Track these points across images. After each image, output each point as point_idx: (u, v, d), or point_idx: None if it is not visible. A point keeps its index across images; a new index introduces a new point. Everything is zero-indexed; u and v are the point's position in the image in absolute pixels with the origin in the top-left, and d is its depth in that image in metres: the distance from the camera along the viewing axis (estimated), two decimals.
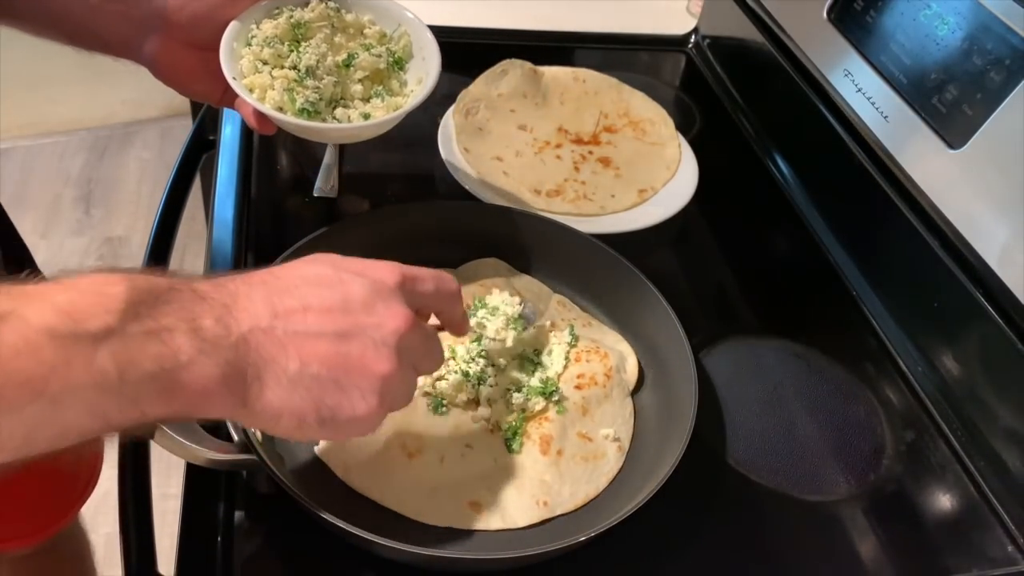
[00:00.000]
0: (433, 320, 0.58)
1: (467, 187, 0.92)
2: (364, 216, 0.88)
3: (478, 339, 0.70)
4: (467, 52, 1.18)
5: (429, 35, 0.77)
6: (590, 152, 1.03)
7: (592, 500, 0.66)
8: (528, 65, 1.11)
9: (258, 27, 0.72)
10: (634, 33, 1.30)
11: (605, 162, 1.02)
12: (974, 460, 0.76)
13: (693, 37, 1.30)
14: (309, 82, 0.70)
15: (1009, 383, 0.74)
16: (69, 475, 0.87)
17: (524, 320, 0.71)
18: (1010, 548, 0.71)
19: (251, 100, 0.68)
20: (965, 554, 0.70)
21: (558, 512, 0.65)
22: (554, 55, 1.18)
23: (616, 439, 0.70)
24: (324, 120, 0.72)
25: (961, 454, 0.77)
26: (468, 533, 0.63)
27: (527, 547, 0.61)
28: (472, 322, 0.68)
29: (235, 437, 0.60)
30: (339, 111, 0.73)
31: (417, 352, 0.51)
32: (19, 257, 0.91)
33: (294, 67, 0.71)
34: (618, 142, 1.06)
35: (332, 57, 0.73)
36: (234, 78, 0.69)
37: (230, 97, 0.71)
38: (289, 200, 0.93)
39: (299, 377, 0.46)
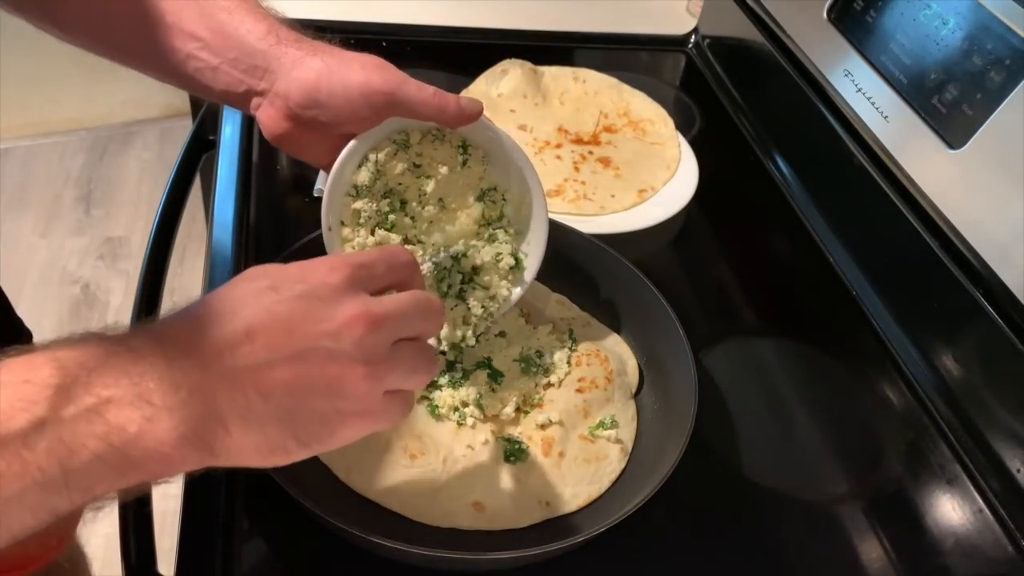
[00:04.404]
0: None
1: None
2: None
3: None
4: (467, 52, 1.18)
5: (545, 219, 0.69)
6: (590, 152, 1.03)
7: (594, 501, 0.66)
8: (528, 65, 1.11)
9: (375, 158, 0.64)
10: (634, 33, 1.30)
11: (605, 162, 1.02)
12: (974, 460, 0.76)
13: (693, 37, 1.30)
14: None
15: (1009, 383, 0.74)
16: None
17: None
18: (1010, 549, 0.71)
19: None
20: (965, 554, 0.70)
21: (560, 513, 0.65)
22: (554, 55, 1.18)
23: (618, 441, 0.70)
24: None
25: (961, 454, 0.77)
26: (470, 533, 0.63)
27: (528, 547, 0.61)
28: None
29: None
30: None
31: (394, 328, 0.46)
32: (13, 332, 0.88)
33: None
34: (618, 142, 1.06)
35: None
36: (330, 228, 0.64)
37: None
38: (289, 200, 0.93)
39: (264, 412, 0.42)
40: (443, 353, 0.72)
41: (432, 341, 0.69)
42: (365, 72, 0.60)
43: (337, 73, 0.60)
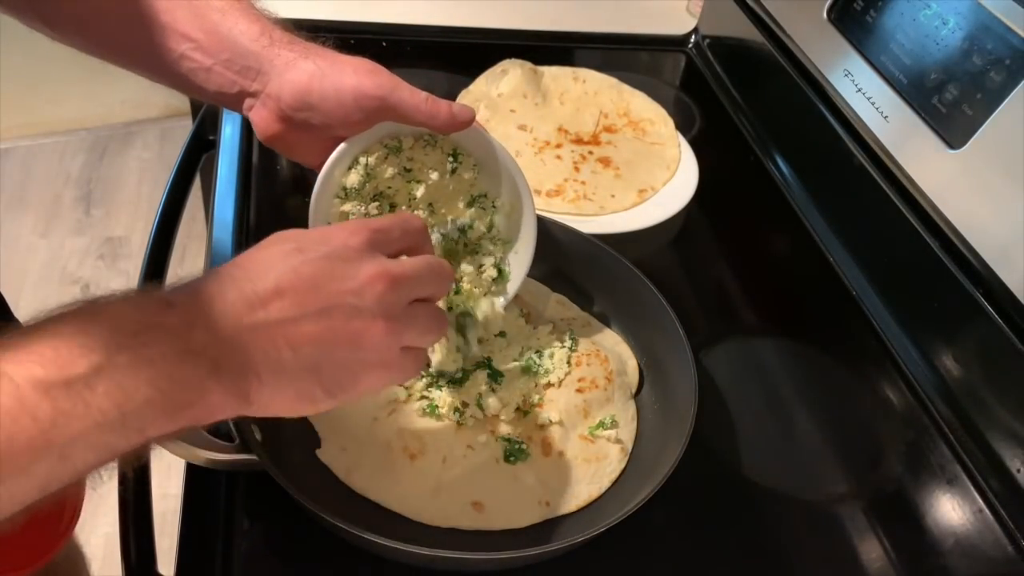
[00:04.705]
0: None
1: None
2: None
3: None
4: (467, 52, 1.18)
5: (534, 231, 0.72)
6: (590, 152, 1.03)
7: (594, 501, 0.66)
8: (528, 65, 1.11)
9: (365, 161, 0.65)
10: (634, 33, 1.30)
11: (605, 162, 1.02)
12: (974, 460, 0.76)
13: (693, 37, 1.30)
14: None
15: (1009, 383, 0.74)
16: (57, 500, 0.84)
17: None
18: (1010, 549, 0.71)
19: None
20: (965, 554, 0.70)
21: (560, 512, 0.65)
22: (554, 55, 1.18)
23: (618, 441, 0.70)
24: None
25: (961, 454, 0.77)
26: (470, 533, 0.63)
27: (528, 547, 0.61)
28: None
29: (235, 437, 0.60)
30: None
31: (411, 288, 0.50)
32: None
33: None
34: (618, 142, 1.06)
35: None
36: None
37: None
38: (289, 200, 0.93)
39: (294, 363, 0.46)
40: (429, 372, 0.71)
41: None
42: (357, 76, 0.60)
43: (329, 76, 0.60)
